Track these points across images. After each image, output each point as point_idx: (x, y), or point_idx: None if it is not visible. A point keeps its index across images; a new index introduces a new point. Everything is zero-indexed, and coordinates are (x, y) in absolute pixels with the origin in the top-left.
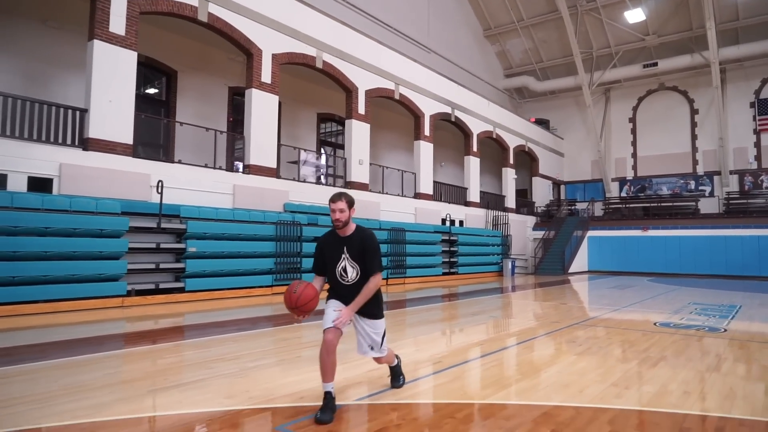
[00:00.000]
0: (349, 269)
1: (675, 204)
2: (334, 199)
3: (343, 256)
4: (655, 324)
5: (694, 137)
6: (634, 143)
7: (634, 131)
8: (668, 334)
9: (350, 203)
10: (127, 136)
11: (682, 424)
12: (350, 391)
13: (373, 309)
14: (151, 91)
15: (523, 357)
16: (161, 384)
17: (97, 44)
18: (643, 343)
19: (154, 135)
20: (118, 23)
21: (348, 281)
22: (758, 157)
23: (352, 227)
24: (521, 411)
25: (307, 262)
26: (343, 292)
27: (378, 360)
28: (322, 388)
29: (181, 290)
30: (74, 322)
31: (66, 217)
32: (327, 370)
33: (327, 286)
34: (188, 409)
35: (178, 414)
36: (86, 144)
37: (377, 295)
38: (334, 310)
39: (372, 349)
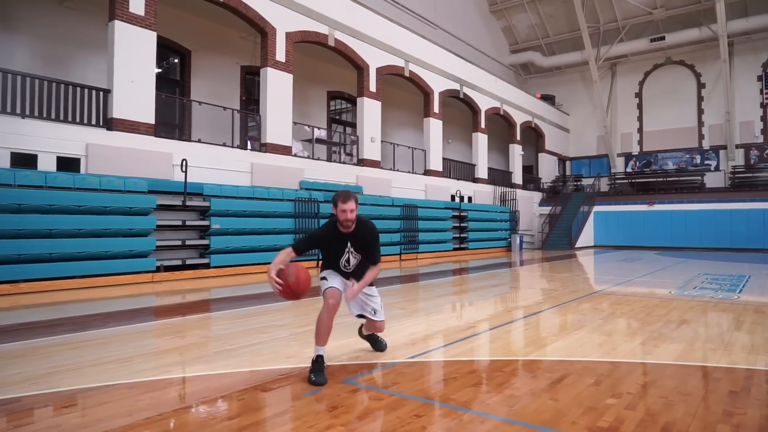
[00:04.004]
0: (352, 260)
1: (681, 179)
2: (344, 199)
3: (347, 249)
4: (670, 292)
5: (700, 111)
6: (640, 118)
7: (640, 106)
8: (684, 300)
9: (357, 201)
10: (149, 116)
11: (713, 375)
12: (400, 351)
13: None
14: (167, 70)
15: (552, 321)
16: (227, 346)
17: (118, 24)
18: (662, 309)
19: (170, 114)
20: (137, 3)
21: (350, 269)
22: (764, 131)
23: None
24: (562, 365)
25: None
26: (343, 277)
27: (378, 325)
28: (314, 352)
29: (207, 266)
30: (112, 297)
31: (97, 196)
32: (324, 334)
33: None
34: (257, 366)
35: (248, 371)
36: (110, 124)
37: None
38: (339, 280)
39: (375, 313)
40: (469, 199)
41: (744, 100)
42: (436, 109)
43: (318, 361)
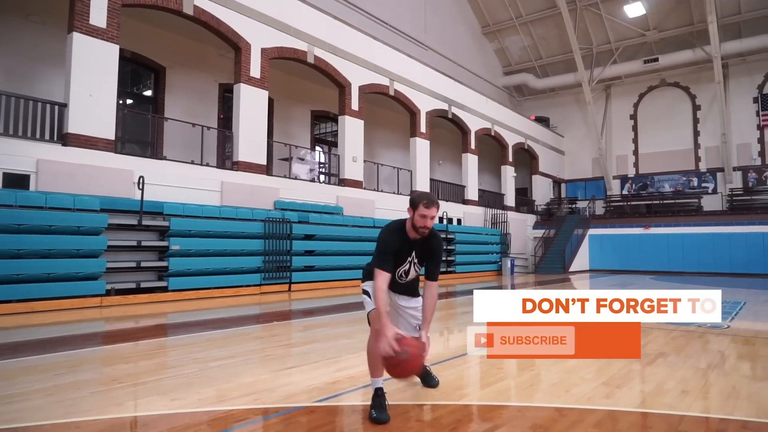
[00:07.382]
0: (411, 272)
1: (677, 201)
2: (429, 205)
3: (410, 259)
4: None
5: (696, 133)
6: (635, 140)
7: (635, 128)
8: (668, 330)
9: (438, 209)
10: (108, 132)
11: (678, 427)
12: (304, 395)
13: (417, 288)
14: (138, 87)
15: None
16: (106, 386)
17: (77, 37)
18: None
19: (142, 132)
20: (99, 15)
21: (405, 281)
22: (762, 153)
23: None
24: (496, 412)
25: (298, 261)
26: (394, 289)
27: None
28: (371, 385)
29: (164, 289)
30: (48, 323)
31: (41, 214)
32: (378, 364)
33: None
34: (125, 413)
35: (110, 418)
36: (65, 139)
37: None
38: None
39: (419, 328)
40: (459, 221)
41: (740, 122)
42: (422, 128)
43: (378, 395)
